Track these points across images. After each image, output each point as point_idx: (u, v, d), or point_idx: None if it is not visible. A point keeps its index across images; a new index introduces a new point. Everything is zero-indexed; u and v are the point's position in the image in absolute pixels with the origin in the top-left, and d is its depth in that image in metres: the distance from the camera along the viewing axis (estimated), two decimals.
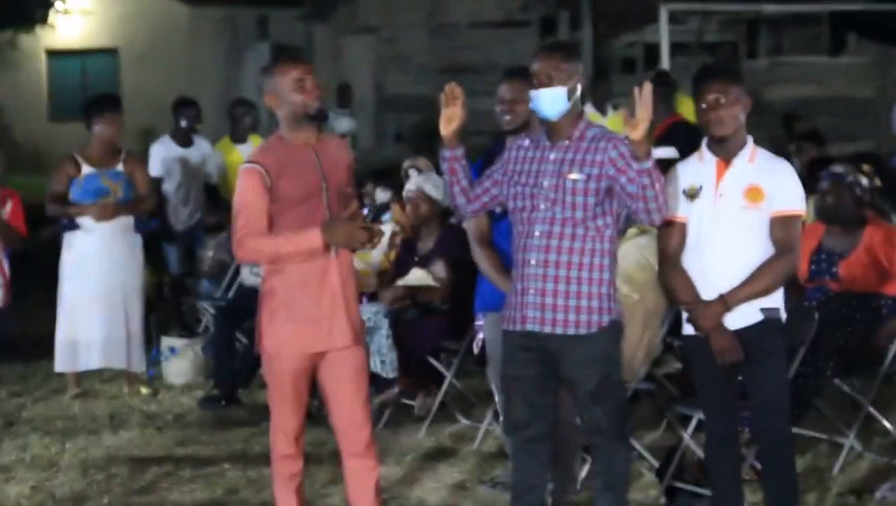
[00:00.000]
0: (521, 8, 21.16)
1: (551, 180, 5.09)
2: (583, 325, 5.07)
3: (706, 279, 5.17)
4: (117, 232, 8.34)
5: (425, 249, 7.92)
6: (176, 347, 8.94)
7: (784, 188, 5.08)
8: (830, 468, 6.59)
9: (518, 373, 5.23)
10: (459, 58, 20.89)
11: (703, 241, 5.17)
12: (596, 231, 5.07)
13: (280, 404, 5.23)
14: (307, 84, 5.09)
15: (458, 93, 5.14)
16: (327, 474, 6.54)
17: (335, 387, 5.24)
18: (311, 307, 5.12)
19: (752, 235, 5.09)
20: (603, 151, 5.03)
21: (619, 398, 5.28)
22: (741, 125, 5.14)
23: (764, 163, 5.14)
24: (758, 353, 5.16)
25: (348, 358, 5.20)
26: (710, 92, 5.10)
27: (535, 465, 5.33)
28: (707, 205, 5.16)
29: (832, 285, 6.68)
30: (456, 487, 6.54)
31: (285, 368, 5.18)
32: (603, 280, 5.10)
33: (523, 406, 5.25)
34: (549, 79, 5.08)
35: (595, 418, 5.17)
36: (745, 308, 5.13)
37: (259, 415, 7.84)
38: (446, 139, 5.20)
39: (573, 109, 5.12)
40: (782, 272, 5.11)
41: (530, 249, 5.10)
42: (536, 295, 5.09)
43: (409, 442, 7.36)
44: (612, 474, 5.26)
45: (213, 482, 6.61)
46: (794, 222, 5.10)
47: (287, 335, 5.15)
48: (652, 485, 6.38)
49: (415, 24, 21.32)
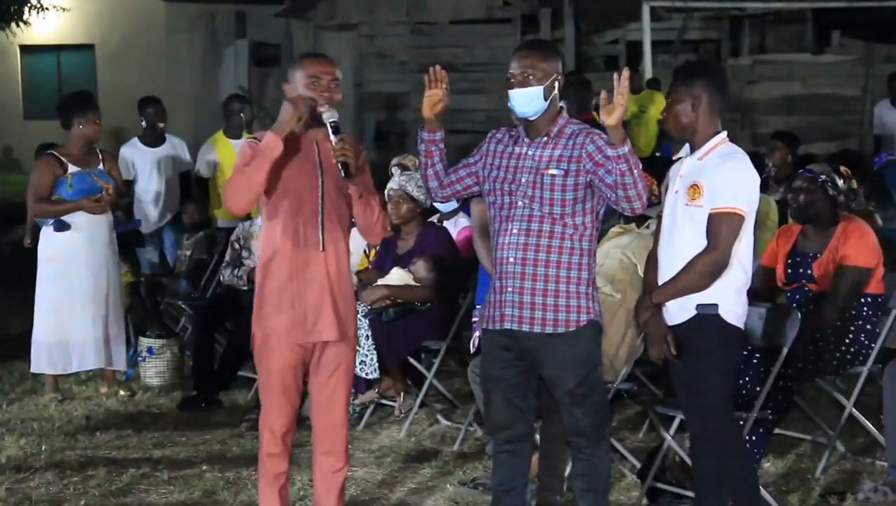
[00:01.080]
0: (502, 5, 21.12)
1: (529, 176, 5.06)
2: (561, 323, 5.04)
3: (663, 273, 5.28)
4: (103, 232, 8.28)
5: (405, 248, 7.87)
6: (153, 347, 8.86)
7: (721, 186, 5.11)
8: (813, 469, 6.57)
9: (498, 373, 5.20)
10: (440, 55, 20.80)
11: (664, 235, 5.30)
12: (574, 228, 5.03)
13: (269, 399, 5.22)
14: (320, 84, 5.11)
15: (443, 75, 5.12)
16: (307, 476, 6.48)
17: (319, 383, 5.24)
18: (297, 299, 5.12)
19: (692, 232, 5.15)
20: (580, 146, 5.02)
21: (600, 399, 5.25)
22: (689, 123, 5.21)
23: (713, 160, 5.18)
24: (690, 349, 5.19)
25: (335, 355, 5.20)
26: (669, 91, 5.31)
27: (515, 465, 5.31)
28: (670, 200, 5.29)
29: (812, 287, 6.64)
30: (436, 488, 6.49)
31: (272, 360, 5.17)
32: (582, 279, 5.07)
33: (504, 407, 5.22)
34: (526, 78, 5.04)
35: (575, 418, 5.14)
36: (682, 304, 5.19)
37: (238, 416, 7.80)
38: (427, 121, 5.18)
39: (551, 107, 5.09)
40: (705, 269, 5.12)
41: (508, 246, 5.07)
42: (515, 293, 5.06)
43: (390, 443, 7.31)
44: (594, 475, 5.24)
45: (191, 484, 6.54)
46: (724, 220, 5.09)
47: (274, 326, 5.15)
48: (634, 486, 6.35)
49: (395, 20, 21.26)
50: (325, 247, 5.13)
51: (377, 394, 7.70)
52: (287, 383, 5.20)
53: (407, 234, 7.90)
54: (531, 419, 5.29)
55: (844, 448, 6.82)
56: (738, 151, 5.25)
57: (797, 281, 6.64)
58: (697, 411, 5.29)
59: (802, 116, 18.36)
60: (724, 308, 5.16)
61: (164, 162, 10.31)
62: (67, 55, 26.27)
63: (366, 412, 7.65)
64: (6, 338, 9.19)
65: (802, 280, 6.63)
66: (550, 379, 5.13)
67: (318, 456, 5.33)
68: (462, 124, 18.07)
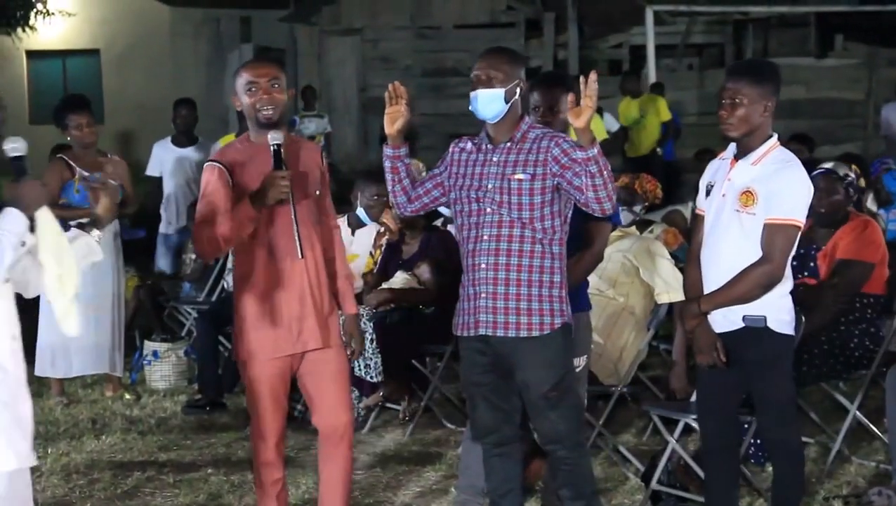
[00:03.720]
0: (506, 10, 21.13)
1: (496, 182, 5.05)
2: (535, 327, 5.02)
3: (706, 277, 5.14)
4: (108, 238, 8.27)
5: (410, 252, 7.89)
6: (159, 351, 8.88)
7: (780, 196, 4.95)
8: (818, 473, 6.56)
9: (478, 379, 5.19)
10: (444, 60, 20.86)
11: (708, 238, 5.14)
12: (544, 232, 5.02)
13: (258, 411, 5.19)
14: (258, 87, 5.05)
15: (402, 92, 5.13)
16: (312, 480, 6.49)
17: (316, 389, 5.22)
18: (279, 310, 5.10)
19: (743, 239, 5.00)
20: (545, 150, 5.01)
21: (575, 402, 5.22)
22: (756, 126, 5.00)
23: (769, 167, 5.00)
24: (743, 361, 5.08)
25: (326, 360, 5.18)
26: (724, 90, 5.03)
27: (508, 468, 5.30)
28: (715, 203, 5.11)
29: (811, 282, 6.60)
30: (440, 491, 6.50)
31: (259, 373, 5.15)
32: (554, 282, 5.05)
33: (488, 411, 5.21)
34: (489, 79, 5.04)
35: (551, 422, 5.10)
36: (727, 314, 5.06)
37: (243, 419, 7.80)
38: (390, 137, 5.20)
39: (513, 112, 5.09)
40: (760, 281, 4.98)
41: (479, 253, 5.06)
42: (488, 299, 5.05)
43: (394, 446, 7.32)
44: (578, 481, 5.20)
45: (195, 487, 6.55)
46: (782, 231, 4.95)
47: (257, 340, 5.12)
48: (637, 490, 6.35)
49: (399, 25, 21.28)
50: (304, 254, 5.10)
51: (381, 397, 7.70)
52: (276, 394, 5.18)
53: (411, 238, 7.91)
54: (517, 420, 5.26)
55: (848, 452, 6.82)
56: (794, 157, 5.08)
57: (800, 274, 6.60)
58: (770, 420, 5.18)
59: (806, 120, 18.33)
60: (771, 318, 5.03)
61: (183, 164, 10.35)
62: (73, 60, 26.32)
63: (370, 416, 7.65)
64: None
65: (806, 273, 6.60)
66: (525, 383, 5.09)
67: (324, 460, 5.32)
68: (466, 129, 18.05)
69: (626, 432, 7.43)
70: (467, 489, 5.90)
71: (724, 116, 5.00)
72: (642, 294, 7.38)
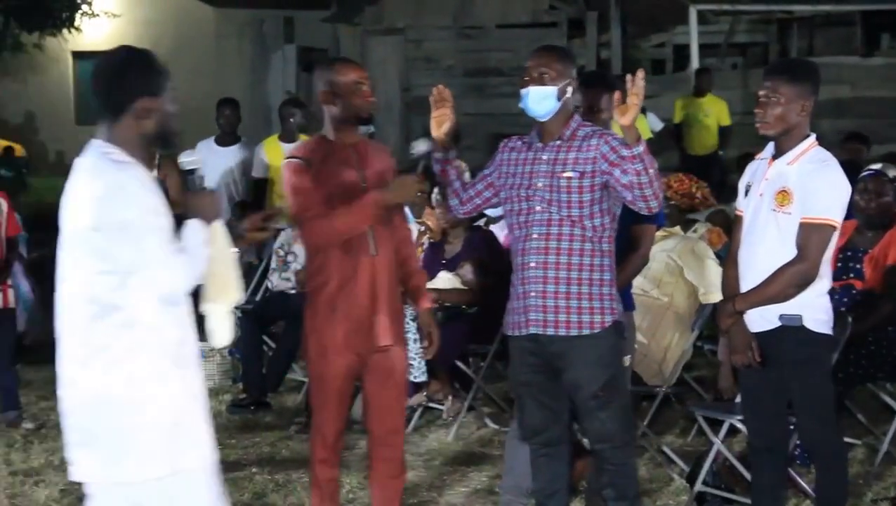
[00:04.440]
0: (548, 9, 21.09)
1: (545, 181, 5.04)
2: (585, 325, 5.01)
3: (743, 277, 5.11)
4: None
5: (452, 251, 7.89)
6: (203, 350, 8.87)
7: (815, 195, 4.91)
8: (865, 474, 6.52)
9: (527, 378, 5.18)
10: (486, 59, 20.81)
11: (746, 238, 5.12)
12: (593, 231, 5.01)
13: (321, 407, 5.22)
14: (364, 88, 5.15)
15: (447, 95, 5.15)
16: (356, 479, 6.51)
17: (376, 390, 5.24)
18: (352, 307, 5.12)
19: (779, 239, 4.97)
20: (595, 147, 5.00)
21: (624, 402, 5.20)
22: (793, 126, 4.97)
23: (806, 166, 4.97)
24: (779, 360, 5.05)
25: (389, 360, 5.21)
26: (762, 88, 5.00)
27: (555, 468, 5.29)
28: (752, 203, 5.09)
29: (858, 284, 6.57)
30: (484, 491, 6.50)
31: (327, 369, 5.17)
32: (604, 280, 5.05)
33: (537, 411, 5.20)
34: (541, 77, 5.04)
35: (600, 421, 5.08)
36: (764, 313, 5.03)
37: (287, 419, 7.84)
38: (438, 141, 5.19)
39: (563, 110, 5.08)
40: (793, 280, 4.94)
41: (529, 251, 5.06)
42: (538, 297, 5.04)
43: (438, 446, 7.33)
44: (623, 482, 5.18)
45: (240, 486, 6.58)
46: (817, 231, 4.90)
47: (330, 335, 5.15)
48: (682, 490, 6.33)
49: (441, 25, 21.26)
50: (378, 251, 5.15)
51: (425, 397, 7.72)
52: (342, 392, 5.21)
53: (454, 238, 7.92)
54: (565, 420, 5.26)
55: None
56: (830, 157, 5.05)
57: (846, 276, 6.56)
58: (807, 420, 5.14)
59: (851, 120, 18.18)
60: (808, 317, 4.99)
61: (227, 163, 10.39)
62: None
63: (414, 416, 7.66)
64: (54, 342, 9.25)
65: (851, 274, 6.56)
66: (575, 382, 5.08)
67: (376, 463, 5.31)
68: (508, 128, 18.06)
69: (671, 433, 7.41)
70: (511, 490, 5.89)
71: (761, 115, 4.99)
72: (686, 294, 7.36)
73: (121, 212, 3.78)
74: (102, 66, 3.96)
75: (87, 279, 3.88)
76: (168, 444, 3.92)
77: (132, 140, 3.93)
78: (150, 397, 3.89)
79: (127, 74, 3.92)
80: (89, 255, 3.85)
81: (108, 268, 3.84)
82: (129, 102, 3.90)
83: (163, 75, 3.96)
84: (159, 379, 3.91)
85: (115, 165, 3.86)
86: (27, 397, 8.39)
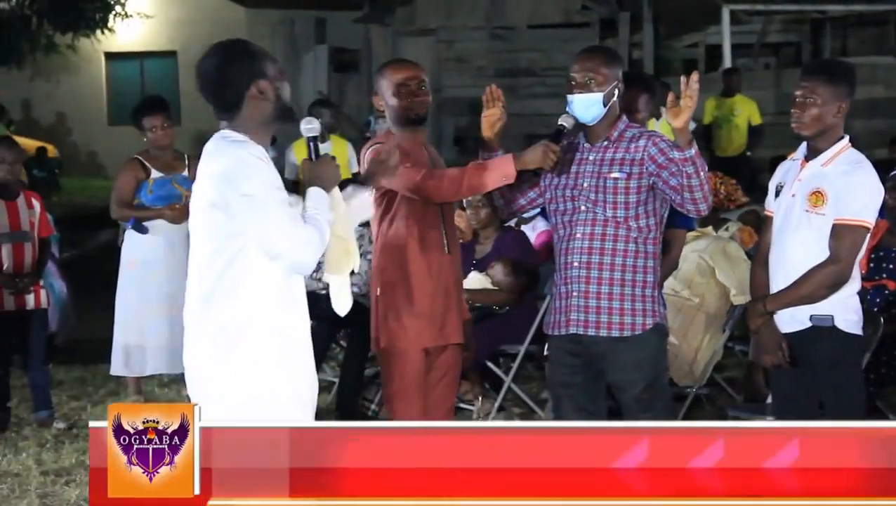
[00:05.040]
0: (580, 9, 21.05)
1: (591, 181, 5.02)
2: (627, 327, 4.99)
3: (774, 277, 5.09)
4: (182, 237, 8.33)
5: (483, 252, 7.88)
6: None
7: (847, 196, 4.89)
8: None
9: (566, 379, 5.16)
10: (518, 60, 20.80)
11: (777, 238, 5.09)
12: (638, 232, 4.99)
13: (405, 406, 5.20)
14: (408, 89, 5.17)
15: (499, 94, 5.11)
16: None
17: (431, 387, 5.27)
18: (427, 302, 5.17)
19: (812, 240, 4.94)
20: (642, 149, 4.97)
21: (666, 404, 5.19)
22: (829, 127, 4.94)
23: (840, 167, 4.94)
24: (809, 361, 5.02)
25: (447, 359, 5.26)
26: (799, 88, 4.96)
27: None
28: (784, 203, 5.06)
29: (890, 285, 6.54)
30: None
31: (406, 364, 5.20)
32: (647, 282, 5.02)
33: (573, 413, 5.17)
34: (587, 83, 5.00)
35: None
36: (795, 313, 5.00)
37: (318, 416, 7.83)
38: (488, 141, 5.14)
39: (610, 112, 5.05)
40: (826, 281, 4.91)
41: (572, 251, 5.04)
42: (580, 298, 5.02)
43: None
44: None
45: None
46: (850, 232, 4.88)
47: (406, 330, 5.18)
48: None
49: (473, 25, 21.26)
50: (450, 249, 5.18)
51: (456, 398, 7.71)
52: (417, 385, 5.21)
53: (485, 238, 7.92)
54: None
55: None
56: (864, 159, 5.02)
57: (878, 276, 6.53)
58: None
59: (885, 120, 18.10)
60: (839, 318, 4.97)
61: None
62: (151, 62, 26.66)
63: None
64: (92, 340, 9.29)
65: (883, 274, 6.52)
66: (617, 384, 5.08)
67: None
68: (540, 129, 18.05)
69: None
70: None
71: (797, 115, 4.94)
72: (717, 295, 7.33)
73: (244, 185, 3.87)
74: (205, 69, 4.05)
75: (211, 256, 4.08)
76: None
77: (254, 125, 4.04)
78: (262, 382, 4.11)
79: (232, 67, 4.01)
80: (215, 231, 3.96)
81: (236, 244, 3.95)
82: (243, 91, 4.01)
83: (263, 57, 4.05)
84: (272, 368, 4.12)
85: (234, 145, 3.96)
86: (58, 397, 8.41)
